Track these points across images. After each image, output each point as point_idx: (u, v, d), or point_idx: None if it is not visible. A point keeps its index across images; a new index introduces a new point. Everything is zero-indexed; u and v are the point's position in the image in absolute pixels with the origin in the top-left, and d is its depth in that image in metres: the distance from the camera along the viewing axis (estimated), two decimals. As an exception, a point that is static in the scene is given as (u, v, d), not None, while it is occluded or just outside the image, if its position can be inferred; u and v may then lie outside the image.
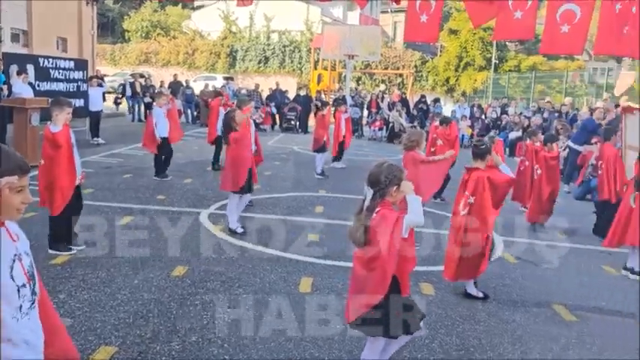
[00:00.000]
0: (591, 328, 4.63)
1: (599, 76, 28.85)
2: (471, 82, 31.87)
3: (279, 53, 35.22)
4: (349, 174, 11.50)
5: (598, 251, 6.82)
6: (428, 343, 4.11)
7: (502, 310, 4.87)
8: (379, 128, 20.11)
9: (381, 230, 3.05)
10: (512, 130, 16.57)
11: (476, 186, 4.85)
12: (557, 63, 31.12)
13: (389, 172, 3.13)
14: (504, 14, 7.78)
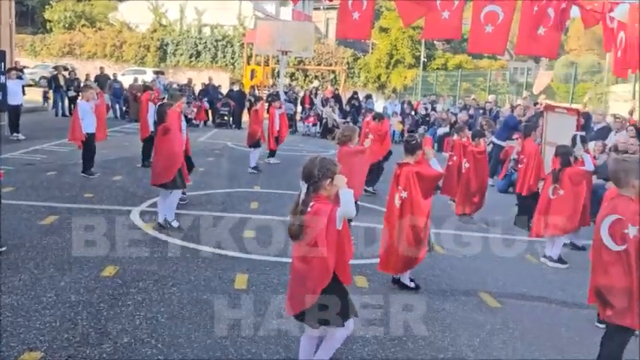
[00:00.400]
0: (514, 313, 4.89)
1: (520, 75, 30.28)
2: (401, 80, 32.64)
3: (211, 48, 34.68)
4: (284, 169, 11.52)
5: (520, 241, 7.19)
6: (362, 334, 4.20)
7: (432, 300, 5.05)
8: (313, 124, 20.24)
9: (316, 223, 3.10)
10: (441, 127, 17.11)
11: (407, 180, 5.00)
12: (482, 62, 32.41)
13: (322, 166, 3.18)
14: (433, 14, 8.02)
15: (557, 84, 29.00)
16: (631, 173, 3.35)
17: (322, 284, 3.16)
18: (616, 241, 3.31)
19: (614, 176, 3.46)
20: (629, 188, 3.36)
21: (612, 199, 3.47)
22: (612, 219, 3.35)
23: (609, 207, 3.43)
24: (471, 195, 8.25)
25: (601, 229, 3.41)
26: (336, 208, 3.11)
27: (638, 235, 3.23)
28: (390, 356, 3.94)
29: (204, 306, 4.49)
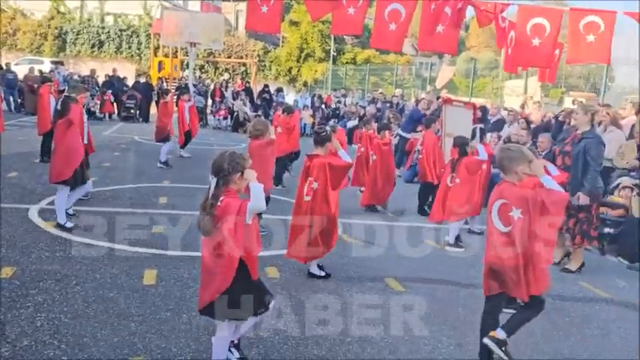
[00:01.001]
0: (416, 295, 5.18)
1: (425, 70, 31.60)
2: (311, 73, 32.98)
3: (115, 37, 33.22)
4: (194, 163, 11.37)
5: (424, 228, 7.58)
6: (273, 323, 4.29)
7: (341, 287, 5.24)
8: (224, 117, 20.04)
9: (226, 218, 3.14)
10: (350, 120, 17.52)
11: (318, 171, 5.15)
12: (389, 57, 33.43)
13: (232, 159, 3.23)
14: (339, 10, 8.23)
15: (460, 79, 30.57)
16: (514, 161, 3.66)
17: (228, 280, 3.20)
18: (504, 223, 3.62)
19: (500, 164, 3.77)
20: (513, 175, 3.67)
21: (499, 184, 3.77)
22: (500, 203, 3.66)
23: (497, 192, 3.73)
24: (379, 186, 8.57)
25: (491, 212, 3.71)
26: (246, 203, 3.17)
27: (522, 217, 3.54)
28: (300, 343, 4.05)
29: (111, 304, 4.40)
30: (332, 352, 3.95)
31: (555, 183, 3.70)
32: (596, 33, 7.70)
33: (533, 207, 3.52)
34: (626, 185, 7.54)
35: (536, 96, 15.49)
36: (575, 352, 4.32)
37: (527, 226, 3.54)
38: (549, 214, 3.53)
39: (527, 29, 7.97)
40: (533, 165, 3.66)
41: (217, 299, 3.22)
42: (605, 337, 4.68)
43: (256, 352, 3.86)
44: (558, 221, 3.76)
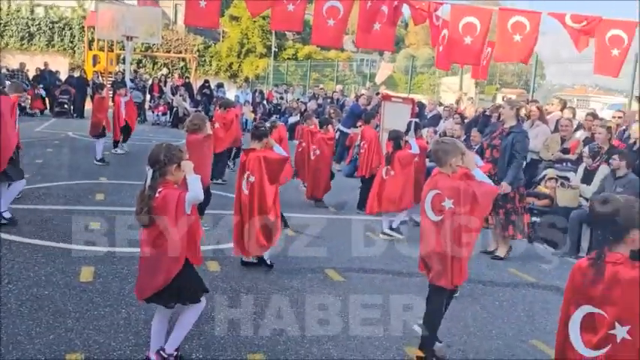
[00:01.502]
0: (356, 285, 5.34)
1: (365, 67, 32.09)
2: (253, 69, 32.80)
3: (46, 30, 31.85)
4: (132, 160, 11.15)
5: (363, 220, 7.78)
6: (214, 315, 4.33)
7: (281, 279, 5.33)
8: (163, 113, 19.68)
9: (165, 209, 3.17)
10: (291, 115, 17.60)
11: (254, 165, 5.21)
12: (330, 53, 33.67)
13: (168, 151, 3.26)
14: (278, 6, 8.28)
15: (399, 75, 31.19)
16: (448, 153, 3.84)
17: (175, 268, 3.24)
18: (435, 212, 3.80)
19: (435, 156, 3.96)
20: (447, 166, 3.86)
21: (434, 176, 3.96)
22: (433, 193, 3.83)
23: (431, 183, 3.91)
24: (321, 180, 8.69)
25: (425, 202, 3.89)
26: (184, 193, 3.21)
27: (453, 207, 3.73)
28: (240, 333, 4.12)
29: (46, 302, 4.31)
30: (272, 342, 4.04)
31: (485, 175, 3.93)
32: (522, 33, 8.11)
33: (465, 198, 3.70)
34: (550, 177, 7.98)
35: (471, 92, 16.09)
36: (503, 332, 4.59)
37: (459, 216, 3.73)
38: (478, 205, 3.74)
39: (459, 28, 8.30)
40: (466, 157, 3.86)
41: (167, 287, 3.25)
42: (530, 318, 4.98)
43: (197, 343, 3.89)
44: (486, 212, 3.99)
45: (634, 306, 2.22)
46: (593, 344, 2.34)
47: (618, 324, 2.28)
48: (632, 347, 2.24)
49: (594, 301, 2.35)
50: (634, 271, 2.26)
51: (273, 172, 5.38)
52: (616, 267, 2.31)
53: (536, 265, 6.62)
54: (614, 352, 2.28)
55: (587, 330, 2.37)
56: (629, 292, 2.24)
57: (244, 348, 3.91)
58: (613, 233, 2.37)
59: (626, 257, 2.33)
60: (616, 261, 2.32)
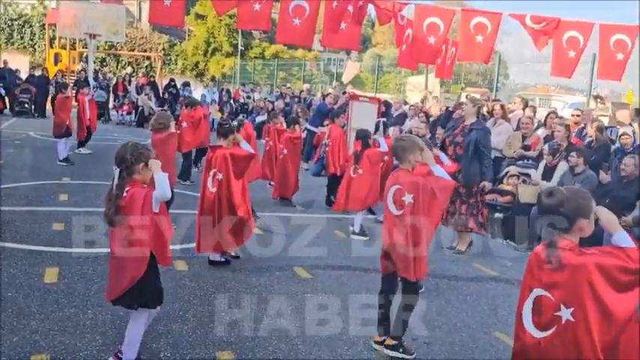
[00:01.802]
0: (324, 282, 5.41)
1: (332, 66, 32.23)
2: (219, 68, 32.56)
3: (5, 27, 30.95)
4: (97, 160, 10.97)
5: (331, 218, 7.85)
6: (182, 314, 4.34)
7: (249, 277, 5.35)
8: (127, 112, 19.39)
9: (132, 208, 3.17)
10: (259, 114, 17.56)
11: (221, 162, 5.23)
12: (297, 52, 33.70)
13: (135, 150, 3.25)
14: (245, 5, 8.28)
15: (366, 74, 31.44)
16: (408, 150, 3.95)
17: (141, 269, 3.24)
18: (397, 207, 3.90)
19: (395, 152, 4.06)
20: (406, 162, 3.97)
21: (395, 171, 4.06)
22: (395, 188, 3.94)
23: (393, 178, 4.02)
24: (289, 179, 8.71)
25: (387, 197, 3.99)
26: (151, 192, 3.21)
27: (412, 202, 3.83)
28: (209, 331, 4.13)
29: (9, 303, 4.25)
30: (240, 339, 4.06)
31: (443, 171, 4.05)
32: (484, 34, 8.31)
33: (423, 192, 3.82)
34: (512, 174, 8.20)
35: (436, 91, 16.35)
36: (468, 325, 4.71)
37: (418, 211, 3.84)
38: (436, 200, 3.85)
39: (423, 28, 8.45)
40: (424, 153, 3.98)
41: (131, 288, 3.24)
42: (493, 311, 5.13)
43: (165, 342, 3.89)
44: (444, 207, 4.11)
45: (578, 289, 2.34)
46: (541, 325, 2.46)
47: (563, 306, 2.40)
48: (576, 328, 2.36)
49: (544, 284, 2.47)
50: (580, 257, 2.38)
51: (240, 169, 5.41)
52: (564, 252, 2.43)
53: (499, 259, 6.80)
54: (559, 332, 2.40)
55: (537, 312, 2.49)
56: (574, 276, 2.36)
57: (213, 346, 3.93)
58: (560, 223, 2.49)
59: (575, 244, 2.45)
60: (565, 247, 2.44)
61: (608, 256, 2.37)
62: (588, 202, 2.52)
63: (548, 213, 2.56)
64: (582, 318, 2.36)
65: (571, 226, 2.49)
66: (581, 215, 2.48)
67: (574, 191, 2.59)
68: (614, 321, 2.33)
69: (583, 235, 2.52)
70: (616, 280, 2.33)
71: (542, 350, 2.49)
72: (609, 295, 2.33)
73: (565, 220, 2.49)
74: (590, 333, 2.35)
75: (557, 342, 2.43)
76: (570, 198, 2.50)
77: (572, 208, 2.48)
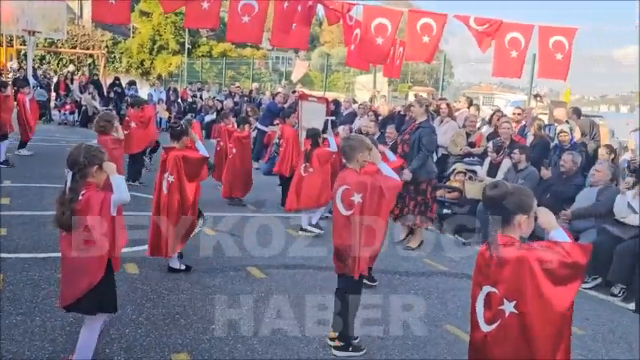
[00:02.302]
0: (278, 281, 5.43)
1: (281, 65, 32.18)
2: (166, 66, 31.96)
3: None
4: (39, 161, 10.60)
5: (283, 217, 7.87)
6: (135, 317, 4.27)
7: (203, 278, 5.32)
8: (70, 112, 18.77)
9: (89, 212, 3.10)
10: (208, 114, 17.37)
11: (173, 165, 5.16)
12: (245, 51, 33.48)
13: (87, 152, 3.18)
14: (192, 4, 8.19)
15: (315, 73, 31.55)
16: (355, 149, 4.00)
17: (99, 273, 3.17)
18: (346, 207, 3.95)
19: (343, 152, 4.10)
20: (354, 162, 4.02)
21: (342, 171, 4.11)
22: (343, 189, 3.98)
23: (341, 179, 4.06)
24: (240, 178, 8.68)
25: (336, 197, 4.03)
26: (109, 195, 3.14)
27: (362, 202, 3.89)
28: (163, 334, 4.08)
29: (-50, 313, 4.07)
30: (196, 341, 4.04)
31: (391, 170, 4.12)
32: (430, 34, 8.53)
33: (372, 192, 3.88)
34: (459, 171, 8.45)
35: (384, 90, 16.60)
36: (419, 318, 4.84)
37: (367, 210, 3.90)
38: (385, 199, 3.93)
39: (371, 28, 8.58)
40: (372, 153, 4.05)
41: (88, 293, 3.16)
42: (443, 304, 5.28)
43: (118, 346, 3.82)
44: (391, 205, 4.20)
45: (519, 283, 2.46)
46: (489, 319, 2.57)
47: (506, 300, 2.51)
48: (519, 320, 2.48)
49: (490, 280, 2.58)
50: (520, 252, 2.49)
51: (192, 172, 5.34)
52: (505, 248, 2.53)
53: (448, 254, 6.99)
54: (503, 325, 2.52)
55: (487, 307, 2.60)
56: (515, 270, 2.48)
57: (168, 349, 3.89)
58: (502, 215, 2.59)
59: (516, 240, 2.57)
60: (505, 243, 2.55)
61: (548, 251, 2.48)
62: (530, 200, 2.63)
63: (491, 204, 2.67)
64: (524, 311, 2.47)
65: (511, 220, 2.59)
66: (522, 211, 2.58)
67: (517, 187, 2.71)
68: (554, 313, 2.45)
69: (522, 232, 2.61)
70: (555, 274, 2.45)
71: (488, 343, 2.59)
72: (548, 288, 2.44)
73: (506, 212, 2.59)
74: (532, 325, 2.46)
75: (502, 334, 2.54)
76: (513, 192, 2.61)
77: (513, 202, 2.59)
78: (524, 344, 2.47)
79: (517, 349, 2.48)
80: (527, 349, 2.46)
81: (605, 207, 6.32)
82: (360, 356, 4.06)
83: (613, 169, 6.81)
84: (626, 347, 4.68)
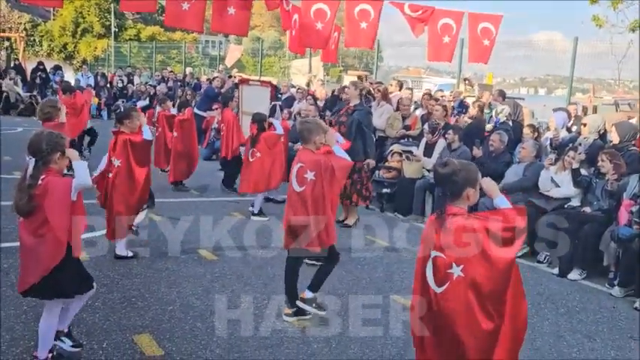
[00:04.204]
0: (229, 262, 5.56)
1: (212, 49, 31.68)
2: (91, 50, 30.66)
3: None
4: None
5: (226, 202, 7.96)
6: (91, 303, 4.27)
7: (155, 262, 5.37)
8: (-10, 99, 17.77)
9: (49, 197, 3.11)
10: (140, 99, 16.97)
11: (122, 148, 5.16)
12: (175, 35, 32.61)
13: (50, 139, 3.19)
14: (128, -13, 8.02)
15: (247, 57, 31.27)
16: (312, 132, 4.23)
17: (58, 257, 3.19)
18: (299, 183, 4.18)
19: (301, 134, 4.32)
20: (311, 144, 4.24)
21: (299, 151, 4.32)
22: (298, 167, 4.22)
23: (297, 158, 4.29)
24: (183, 162, 8.64)
25: (292, 175, 4.25)
26: (71, 180, 3.17)
27: (314, 179, 4.13)
28: (122, 317, 4.14)
29: None
30: (155, 321, 4.13)
31: (343, 151, 4.37)
32: (367, 20, 8.79)
33: (325, 170, 4.14)
34: (396, 151, 8.80)
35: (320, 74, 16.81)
36: (367, 291, 5.13)
37: (319, 187, 4.14)
38: (335, 177, 4.18)
39: (311, 14, 8.74)
40: (328, 135, 4.28)
41: (46, 278, 3.18)
42: (388, 277, 5.60)
43: (78, 331, 3.85)
44: (342, 183, 4.46)
45: (466, 249, 2.75)
46: (438, 281, 2.85)
47: (455, 264, 2.79)
48: (465, 282, 2.78)
49: (438, 247, 2.85)
50: (468, 221, 2.78)
51: (138, 156, 5.35)
52: (454, 218, 2.81)
53: (389, 231, 7.33)
54: (452, 286, 2.81)
55: (435, 270, 2.87)
56: (463, 237, 2.76)
57: (129, 330, 3.96)
58: (452, 190, 2.88)
59: (465, 210, 2.85)
60: (455, 213, 2.83)
61: (491, 219, 2.79)
62: (475, 174, 2.92)
63: (443, 181, 2.94)
64: (471, 274, 2.77)
65: (460, 193, 2.87)
66: (470, 184, 2.88)
67: (464, 163, 3.00)
68: (497, 270, 2.76)
69: (470, 203, 2.92)
70: (499, 238, 2.75)
71: (439, 303, 2.87)
72: (493, 251, 2.75)
73: (456, 187, 2.87)
74: (477, 285, 2.76)
75: (451, 295, 2.83)
76: (462, 169, 2.89)
77: (462, 177, 2.87)
78: (474, 300, 2.76)
79: (467, 305, 2.77)
80: (477, 303, 2.76)
81: (531, 181, 6.84)
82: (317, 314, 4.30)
83: (537, 147, 7.35)
84: (552, 307, 5.16)
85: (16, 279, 3.80)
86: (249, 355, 3.79)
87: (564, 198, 6.55)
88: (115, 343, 3.78)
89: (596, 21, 14.57)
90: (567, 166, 6.49)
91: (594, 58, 12.73)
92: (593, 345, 4.44)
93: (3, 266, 4.88)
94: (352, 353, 3.94)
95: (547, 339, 4.45)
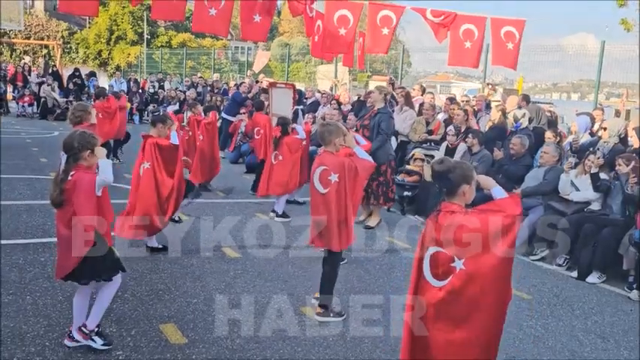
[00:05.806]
0: (252, 259, 5.77)
1: (241, 55, 32.18)
2: (124, 56, 31.53)
3: None
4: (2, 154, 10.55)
5: (251, 203, 8.19)
6: (121, 294, 4.54)
7: (181, 259, 5.61)
8: (29, 104, 18.50)
9: (76, 191, 3.39)
10: (170, 104, 17.42)
11: (150, 152, 5.43)
12: (205, 41, 33.27)
13: (81, 138, 3.48)
14: (161, -4, 8.36)
15: (275, 63, 31.68)
16: (333, 134, 4.40)
17: (86, 246, 3.45)
18: (323, 186, 4.35)
19: (321, 137, 4.49)
20: (331, 145, 4.42)
21: (320, 154, 4.50)
22: (321, 169, 4.38)
23: (318, 161, 4.46)
24: (207, 165, 8.91)
25: (314, 177, 4.42)
26: (95, 176, 3.45)
27: (338, 181, 4.30)
28: (150, 307, 4.39)
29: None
30: (180, 313, 4.36)
31: (365, 153, 4.54)
32: (389, 26, 8.95)
33: (348, 172, 4.30)
34: (417, 157, 8.92)
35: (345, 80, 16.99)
36: (384, 290, 5.28)
37: (342, 189, 4.31)
38: (359, 178, 4.35)
39: (334, 20, 8.94)
40: (347, 138, 4.45)
41: (78, 266, 3.45)
42: (406, 277, 5.70)
43: (108, 319, 4.10)
44: (364, 183, 4.62)
45: (465, 243, 2.86)
46: (439, 276, 2.97)
47: (456, 258, 2.92)
48: (467, 274, 2.89)
49: (437, 242, 2.96)
50: (464, 217, 2.89)
51: (166, 159, 5.60)
52: (452, 215, 2.93)
53: (409, 234, 7.45)
54: (455, 279, 2.93)
55: (434, 266, 2.99)
56: (461, 233, 2.87)
57: (155, 320, 4.20)
58: (448, 187, 3.00)
59: (461, 206, 2.96)
60: (452, 210, 2.94)
61: (488, 211, 2.89)
62: (470, 172, 3.04)
63: (439, 177, 3.07)
64: (472, 267, 2.89)
65: (456, 190, 2.98)
66: (465, 181, 2.98)
67: (459, 162, 3.15)
68: (498, 259, 2.87)
69: (466, 200, 3.02)
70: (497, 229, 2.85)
71: (442, 296, 2.98)
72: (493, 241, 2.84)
73: (451, 184, 2.99)
74: (480, 275, 2.88)
75: (455, 288, 2.94)
76: (456, 167, 3.02)
77: (457, 174, 2.98)
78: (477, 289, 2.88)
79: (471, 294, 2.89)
80: (480, 291, 2.88)
81: (551, 185, 6.89)
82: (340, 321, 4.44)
83: (559, 151, 7.38)
84: (568, 309, 5.23)
85: (52, 272, 4.08)
86: (268, 345, 3.99)
87: (584, 202, 6.58)
88: (142, 331, 4.03)
89: (625, 24, 14.41)
90: (587, 170, 6.52)
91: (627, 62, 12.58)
92: (606, 345, 4.50)
93: (40, 259, 5.19)
94: (365, 347, 4.09)
95: (560, 338, 4.53)
